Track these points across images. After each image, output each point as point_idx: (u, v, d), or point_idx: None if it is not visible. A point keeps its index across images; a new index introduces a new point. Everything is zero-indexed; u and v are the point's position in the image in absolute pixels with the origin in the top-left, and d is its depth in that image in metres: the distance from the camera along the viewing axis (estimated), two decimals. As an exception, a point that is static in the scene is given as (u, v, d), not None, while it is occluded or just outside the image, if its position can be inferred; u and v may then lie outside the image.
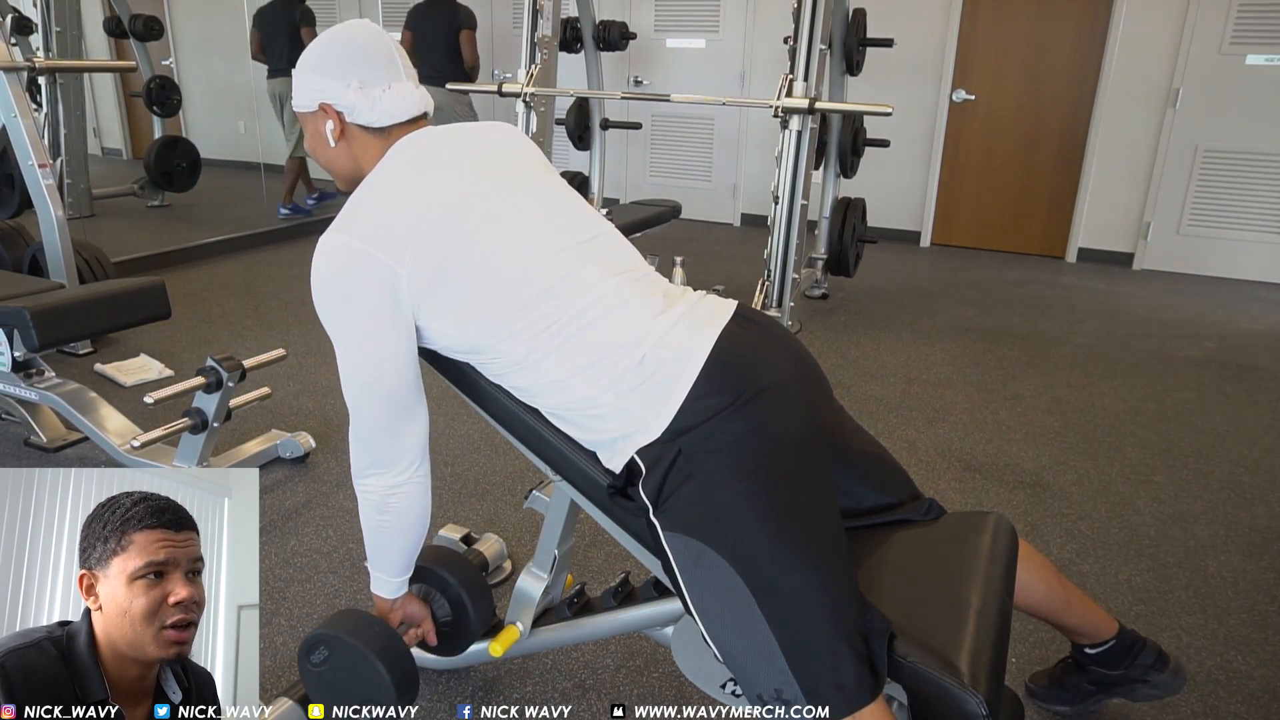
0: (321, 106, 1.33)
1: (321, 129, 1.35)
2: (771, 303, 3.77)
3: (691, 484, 1.18)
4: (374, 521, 1.35)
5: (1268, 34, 5.13)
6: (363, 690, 1.34)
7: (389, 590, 1.43)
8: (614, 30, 5.18)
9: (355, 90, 1.30)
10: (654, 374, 1.21)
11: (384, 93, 1.31)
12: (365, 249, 1.21)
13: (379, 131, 1.34)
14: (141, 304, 2.68)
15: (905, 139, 5.73)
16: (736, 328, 1.27)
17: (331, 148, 1.36)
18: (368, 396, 1.27)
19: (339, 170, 1.39)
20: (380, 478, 1.31)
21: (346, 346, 1.26)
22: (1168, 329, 4.44)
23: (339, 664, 1.35)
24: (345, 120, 1.33)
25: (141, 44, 5.99)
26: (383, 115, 1.32)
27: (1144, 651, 1.65)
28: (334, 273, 1.23)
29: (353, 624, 1.38)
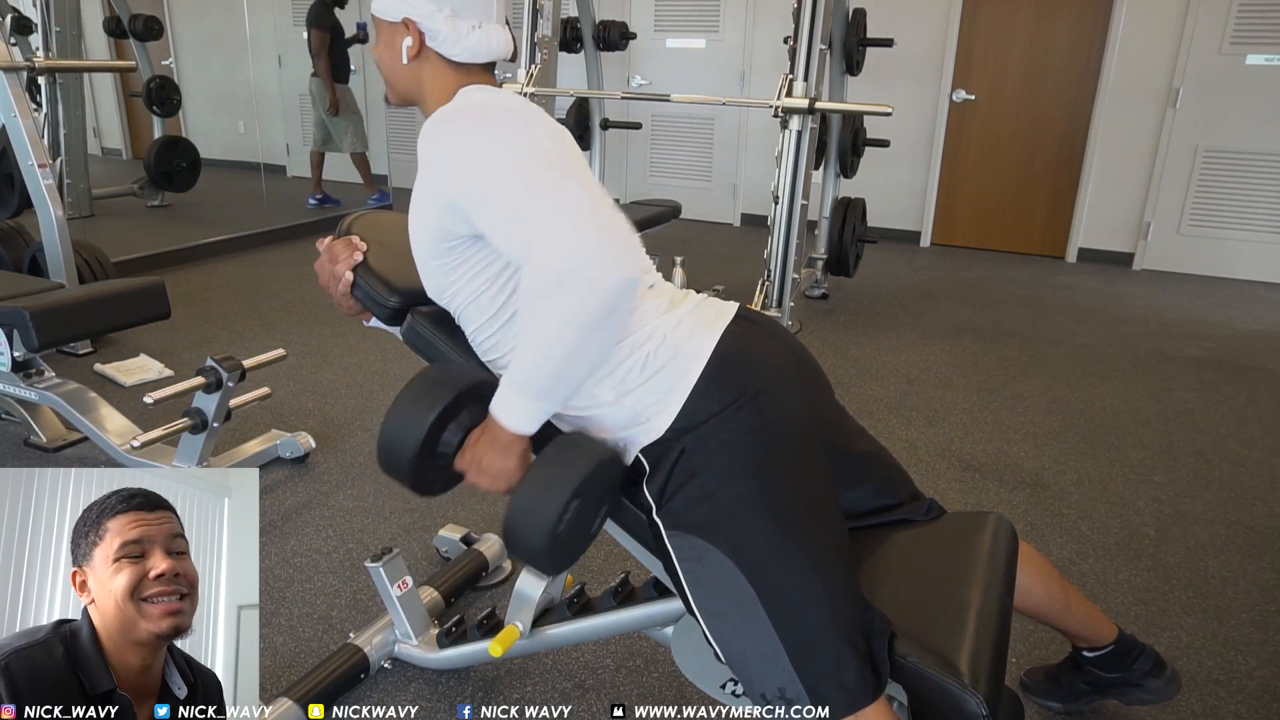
0: (405, 21, 1.26)
1: (397, 42, 1.28)
2: (771, 303, 3.77)
3: (695, 483, 1.18)
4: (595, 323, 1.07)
5: (1268, 34, 5.13)
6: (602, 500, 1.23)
7: (539, 423, 1.19)
8: (614, 30, 5.18)
9: (446, 17, 1.25)
10: (657, 373, 1.21)
11: (473, 29, 1.27)
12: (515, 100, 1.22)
13: (456, 66, 1.29)
14: (141, 304, 2.68)
15: (905, 139, 5.73)
16: (738, 328, 1.27)
17: (402, 64, 1.29)
18: (568, 176, 1.12)
19: (400, 85, 1.34)
20: (634, 264, 1.09)
21: (514, 146, 1.14)
22: (1168, 329, 4.44)
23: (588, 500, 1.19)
24: (425, 43, 1.28)
25: (141, 44, 5.99)
26: (464, 51, 1.27)
27: (1142, 657, 1.66)
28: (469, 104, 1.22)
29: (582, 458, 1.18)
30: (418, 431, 1.20)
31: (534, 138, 1.17)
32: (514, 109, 1.22)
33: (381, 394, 3.21)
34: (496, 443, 1.20)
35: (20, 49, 4.91)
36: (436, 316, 1.39)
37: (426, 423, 1.20)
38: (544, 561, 1.20)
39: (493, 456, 1.20)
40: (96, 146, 7.00)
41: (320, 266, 1.42)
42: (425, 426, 1.20)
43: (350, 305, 1.43)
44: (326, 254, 1.42)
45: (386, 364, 3.52)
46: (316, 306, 4.36)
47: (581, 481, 1.15)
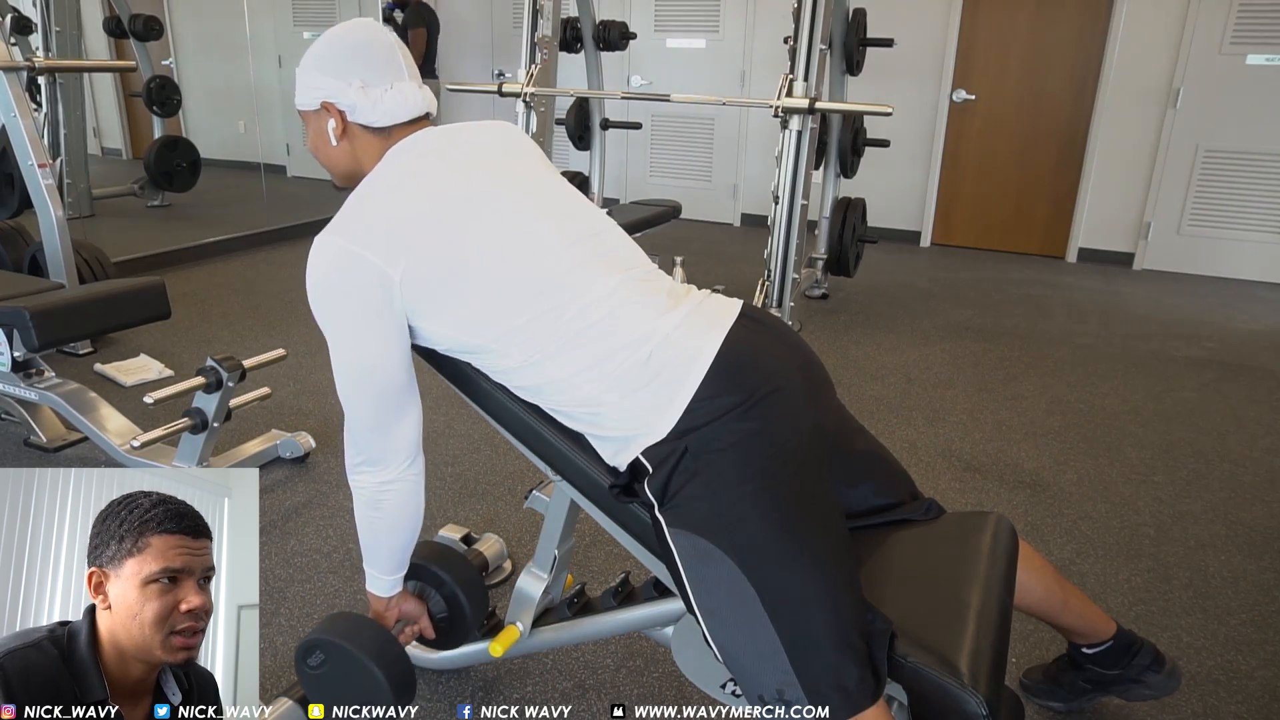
0: (324, 105, 1.33)
1: (324, 127, 1.34)
2: (772, 303, 3.77)
3: (698, 482, 1.18)
4: (367, 518, 1.36)
5: (1268, 34, 5.13)
6: (361, 692, 1.34)
7: (384, 588, 1.43)
8: (614, 30, 5.17)
9: (357, 90, 1.30)
10: (659, 374, 1.21)
11: (385, 93, 1.31)
12: (358, 251, 1.21)
13: (380, 131, 1.34)
14: (141, 304, 2.68)
15: (905, 139, 5.73)
16: (742, 329, 1.27)
17: (333, 146, 1.35)
18: (359, 394, 1.29)
19: (339, 169, 1.39)
20: (372, 474, 1.32)
21: (338, 345, 1.27)
22: (1168, 329, 4.44)
23: (336, 667, 1.35)
24: (347, 119, 1.33)
25: (141, 44, 5.99)
26: (384, 115, 1.32)
27: (1141, 652, 1.66)
28: (326, 273, 1.23)
29: (347, 627, 1.38)
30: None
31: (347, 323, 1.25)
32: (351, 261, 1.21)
33: (381, 394, 3.17)
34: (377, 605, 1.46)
35: (20, 49, 4.92)
36: None
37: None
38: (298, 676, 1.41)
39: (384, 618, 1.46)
40: (96, 146, 6.99)
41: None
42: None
43: None
44: None
45: (386, 364, 3.49)
46: (316, 306, 4.36)
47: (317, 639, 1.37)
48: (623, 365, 1.22)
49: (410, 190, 1.26)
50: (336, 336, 1.26)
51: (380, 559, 1.40)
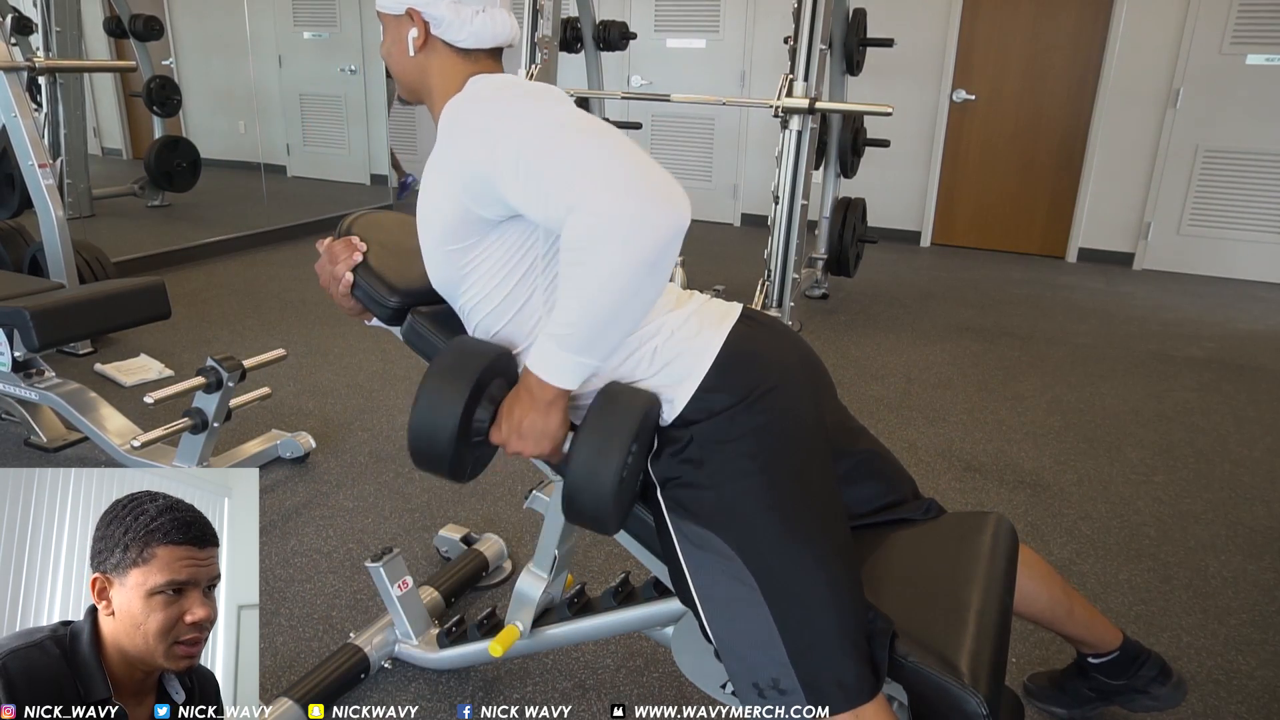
0: (409, 11, 1.25)
1: (403, 35, 1.27)
2: (772, 303, 3.77)
3: (702, 472, 1.18)
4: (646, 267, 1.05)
5: (1268, 34, 5.13)
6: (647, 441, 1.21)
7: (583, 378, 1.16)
8: (614, 30, 5.17)
9: (448, 4, 1.24)
10: (665, 366, 1.22)
11: (477, 14, 1.26)
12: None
13: (463, 53, 1.28)
14: (141, 304, 2.68)
15: (905, 139, 5.73)
16: (744, 327, 1.28)
17: (409, 56, 1.28)
18: (621, 140, 1.09)
19: (408, 80, 1.33)
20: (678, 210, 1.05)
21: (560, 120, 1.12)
22: (1168, 329, 4.44)
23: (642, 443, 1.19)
24: (430, 31, 1.27)
25: (141, 44, 5.99)
26: (470, 37, 1.26)
27: (1148, 664, 1.65)
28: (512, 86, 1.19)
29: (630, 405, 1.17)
30: (454, 410, 1.15)
31: (559, 108, 1.15)
32: (534, 88, 1.21)
33: (382, 394, 3.19)
34: (537, 403, 1.16)
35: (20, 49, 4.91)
36: (437, 316, 1.39)
37: (462, 400, 1.15)
38: (610, 517, 1.17)
39: (534, 417, 1.16)
40: (97, 146, 6.98)
41: (320, 267, 1.42)
42: (461, 405, 1.15)
43: (351, 306, 1.42)
44: (326, 254, 1.41)
45: (387, 364, 3.52)
46: (316, 306, 4.36)
47: (639, 423, 1.14)
48: (629, 358, 1.23)
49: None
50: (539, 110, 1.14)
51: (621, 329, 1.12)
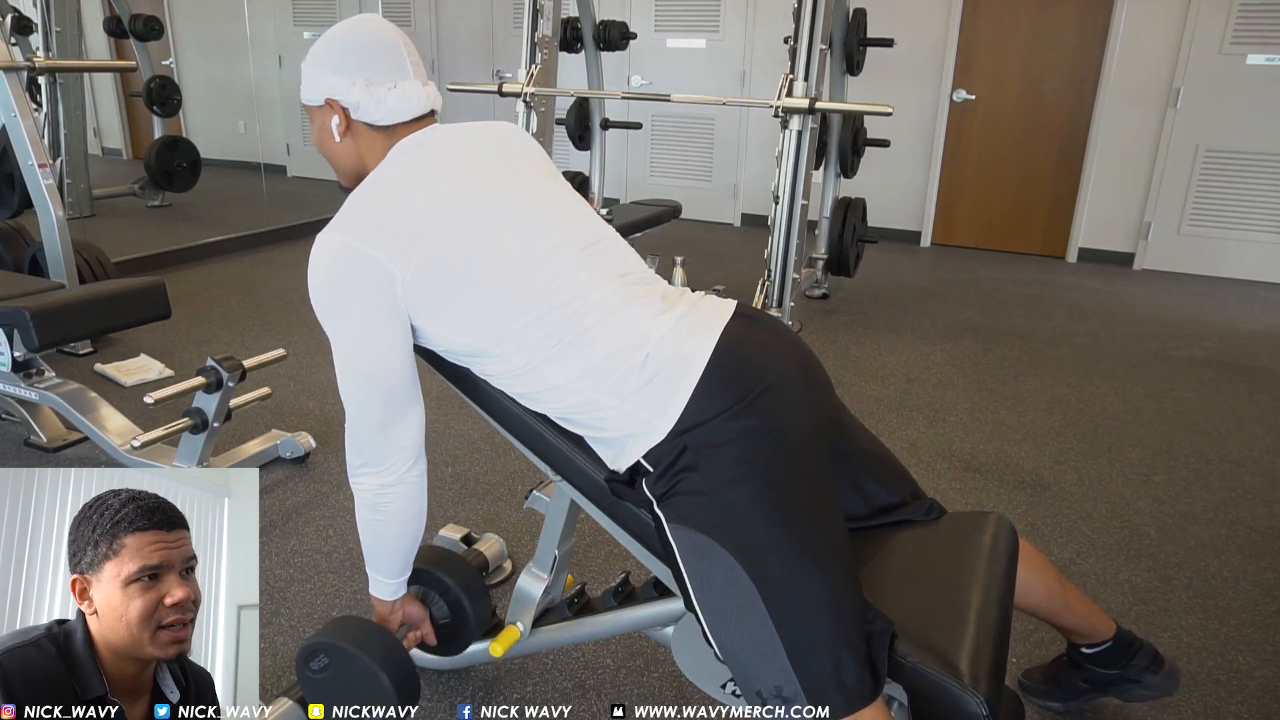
0: (327, 101, 1.33)
1: (327, 123, 1.34)
2: (772, 303, 3.76)
3: (697, 478, 1.18)
4: (369, 521, 1.35)
5: (1268, 34, 5.13)
6: (364, 696, 1.34)
7: (387, 592, 1.43)
8: (614, 30, 5.17)
9: (361, 88, 1.30)
10: (657, 375, 1.21)
11: (389, 91, 1.31)
12: (362, 248, 1.20)
13: (384, 129, 1.33)
14: (141, 304, 2.68)
15: (905, 139, 5.73)
16: (738, 326, 1.27)
17: (337, 143, 1.35)
18: (362, 394, 1.28)
19: (343, 166, 1.38)
20: (373, 476, 1.31)
21: (342, 343, 1.26)
22: (1168, 329, 4.44)
23: (339, 672, 1.35)
24: (351, 117, 1.32)
25: (141, 44, 5.99)
26: (388, 114, 1.32)
27: (1140, 653, 1.66)
28: (330, 270, 1.23)
29: (353, 631, 1.38)
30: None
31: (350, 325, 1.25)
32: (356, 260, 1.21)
33: (381, 394, 3.17)
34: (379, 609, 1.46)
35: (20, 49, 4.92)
36: None
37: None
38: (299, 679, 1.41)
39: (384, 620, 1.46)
40: (97, 146, 6.99)
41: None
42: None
43: None
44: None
45: (386, 364, 3.49)
46: (316, 306, 4.36)
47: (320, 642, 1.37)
48: (620, 368, 1.22)
49: (415, 189, 1.26)
50: (340, 335, 1.26)
51: (383, 563, 1.40)
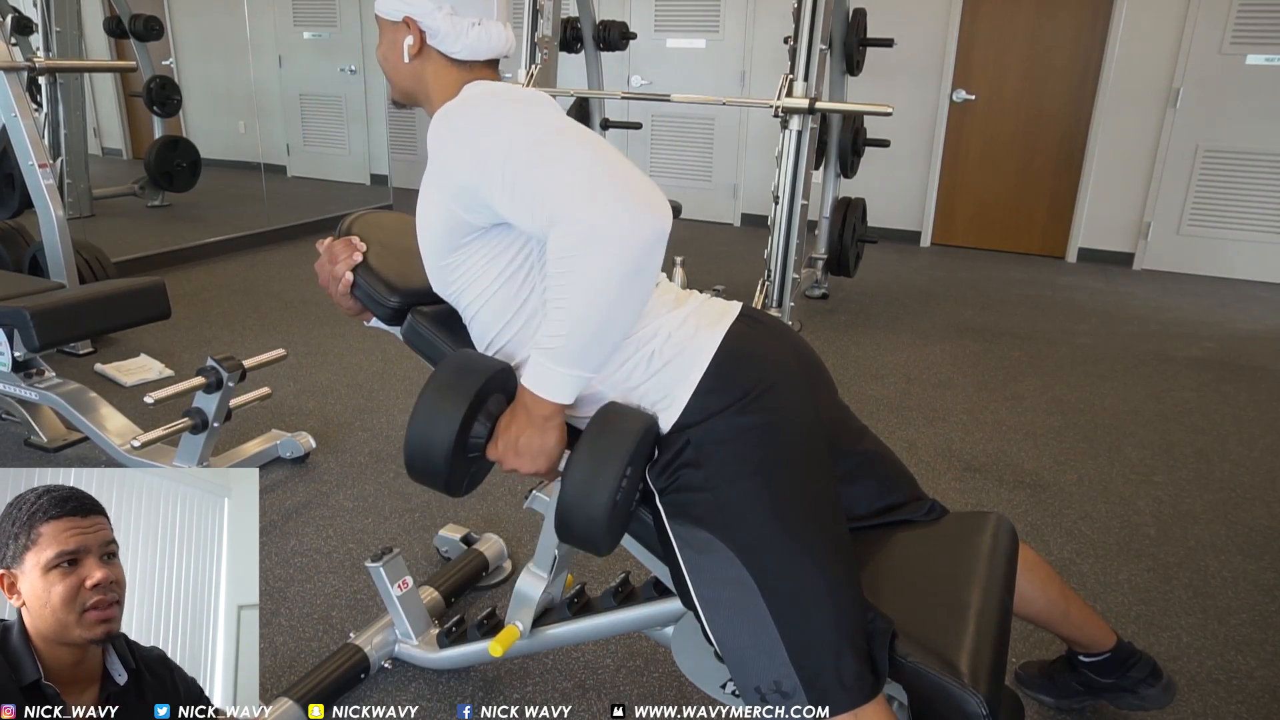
0: (406, 19, 1.27)
1: (399, 40, 1.29)
2: (772, 303, 3.77)
3: (699, 474, 1.18)
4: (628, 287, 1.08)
5: (1268, 34, 5.13)
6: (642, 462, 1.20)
7: (577, 391, 1.16)
8: (614, 30, 5.18)
9: (445, 15, 1.26)
10: (662, 369, 1.22)
11: (473, 26, 1.27)
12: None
13: (458, 64, 1.30)
14: (141, 304, 2.68)
15: (905, 139, 5.74)
16: (743, 326, 1.27)
17: (404, 63, 1.30)
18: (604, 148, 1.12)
19: (403, 85, 1.34)
20: (659, 216, 1.08)
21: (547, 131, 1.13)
22: (1168, 329, 4.44)
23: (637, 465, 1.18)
24: (426, 41, 1.29)
25: (141, 44, 5.99)
26: (465, 49, 1.28)
27: (1138, 665, 1.67)
28: (499, 96, 1.19)
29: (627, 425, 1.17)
30: (451, 426, 1.15)
31: (545, 117, 1.16)
32: (522, 96, 1.22)
33: (382, 394, 3.19)
34: (533, 419, 1.16)
35: (20, 49, 4.92)
36: (437, 316, 1.39)
37: (459, 415, 1.15)
38: (602, 538, 1.16)
39: (530, 434, 1.17)
40: (97, 146, 6.99)
41: (320, 267, 1.42)
42: (458, 421, 1.15)
43: (350, 306, 1.43)
44: (326, 254, 1.42)
45: (387, 364, 3.52)
46: (316, 306, 4.36)
47: (635, 447, 1.13)
48: (627, 361, 1.22)
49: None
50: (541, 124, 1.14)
51: (609, 344, 1.13)
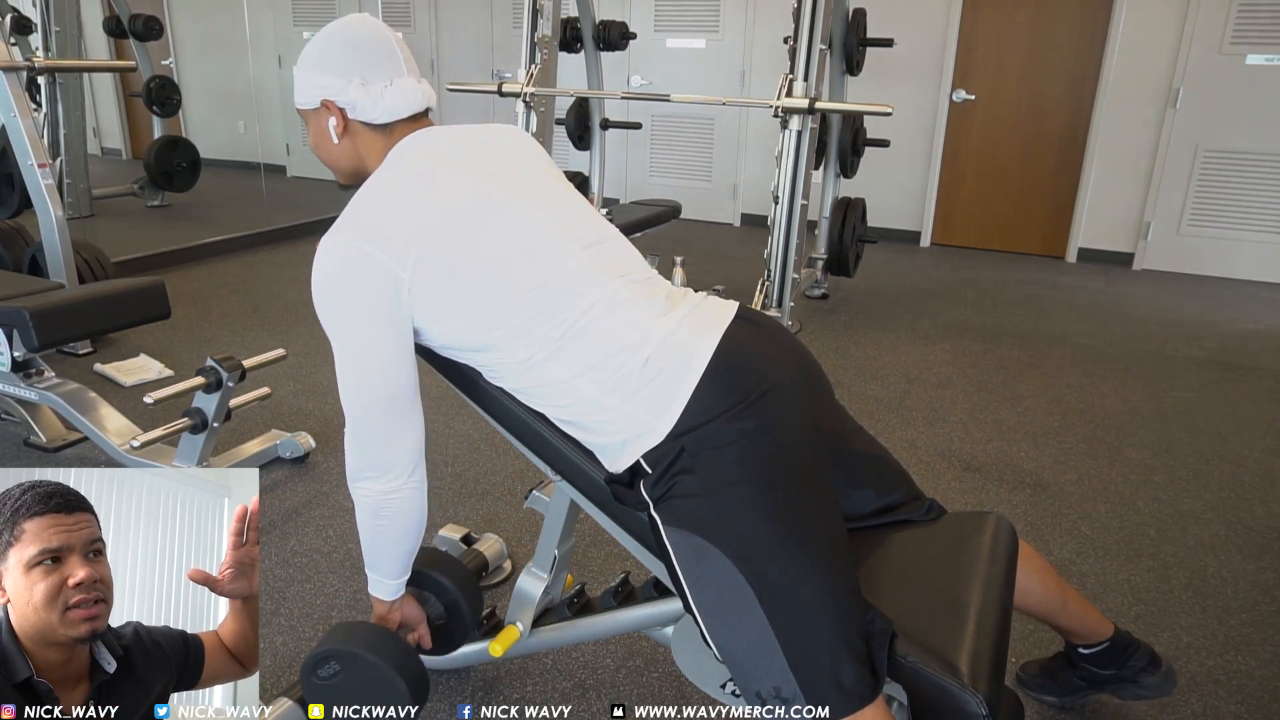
0: (323, 103, 1.32)
1: (324, 126, 1.34)
2: (771, 303, 3.77)
3: (695, 480, 1.18)
4: (370, 526, 1.34)
5: (1268, 34, 5.13)
6: (375, 699, 1.34)
7: (387, 593, 1.42)
8: (614, 30, 5.17)
9: (357, 87, 1.29)
10: (658, 375, 1.21)
11: (386, 89, 1.30)
12: (367, 249, 1.20)
13: (382, 128, 1.33)
14: (141, 304, 2.68)
15: (905, 139, 5.73)
16: (739, 329, 1.27)
17: (334, 145, 1.35)
18: (364, 400, 1.27)
19: (342, 167, 1.38)
20: (375, 483, 1.30)
21: (345, 348, 1.25)
22: (1168, 329, 4.44)
23: (350, 677, 1.34)
24: (347, 117, 1.32)
25: (141, 44, 5.99)
26: (385, 112, 1.31)
27: (1137, 654, 1.67)
28: (335, 273, 1.22)
29: (362, 636, 1.38)
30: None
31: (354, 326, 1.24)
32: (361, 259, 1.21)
33: (381, 394, 3.17)
34: (379, 609, 1.45)
35: (20, 49, 4.92)
36: None
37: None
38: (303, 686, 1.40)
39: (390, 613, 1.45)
40: (96, 146, 6.99)
41: None
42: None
43: None
44: None
45: (386, 364, 3.49)
46: (316, 306, 4.36)
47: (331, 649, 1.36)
48: (622, 368, 1.22)
49: (418, 189, 1.26)
50: (344, 338, 1.25)
51: (384, 565, 1.39)
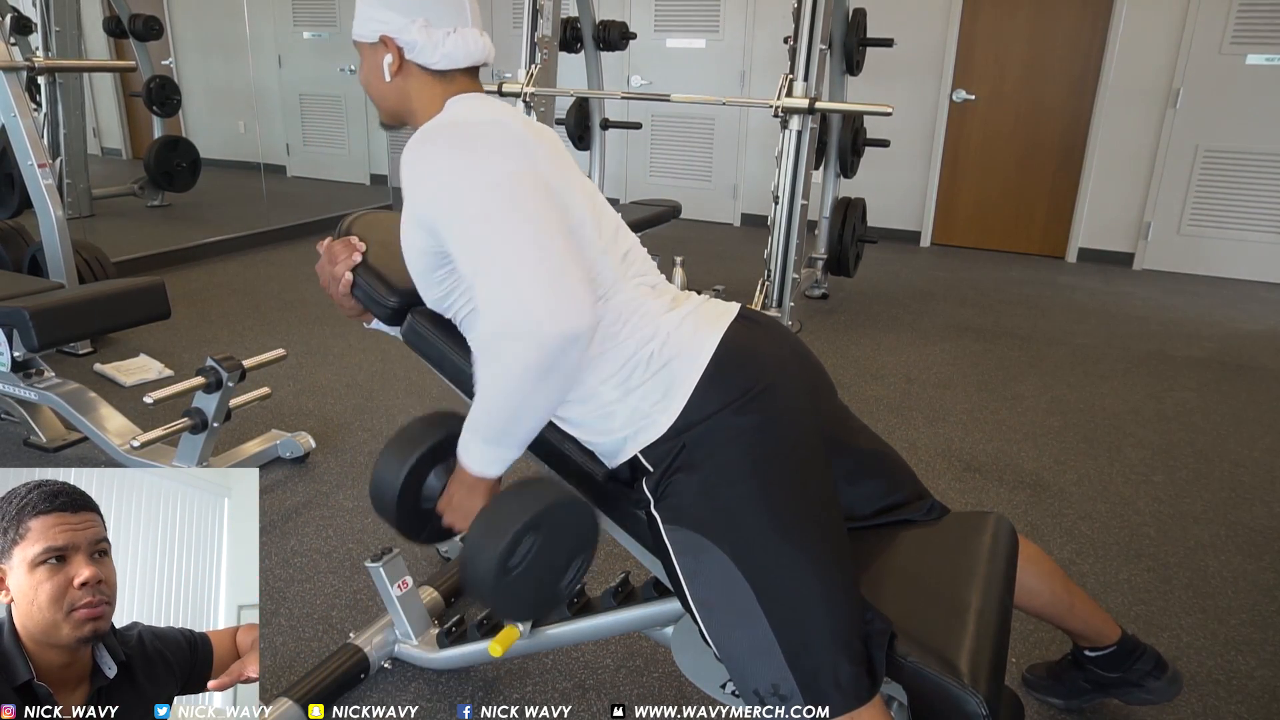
0: (382, 39, 1.29)
1: (379, 62, 1.31)
2: (771, 303, 3.77)
3: (695, 478, 1.18)
4: (530, 386, 1.11)
5: (1268, 34, 5.13)
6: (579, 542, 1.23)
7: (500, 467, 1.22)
8: (614, 30, 5.17)
9: (419, 28, 1.27)
10: (660, 370, 1.22)
11: (448, 35, 1.28)
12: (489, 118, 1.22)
13: (439, 74, 1.31)
14: (141, 304, 2.68)
15: (905, 139, 5.73)
16: (741, 327, 1.28)
17: (385, 82, 1.32)
18: (541, 238, 1.13)
19: (388, 105, 1.36)
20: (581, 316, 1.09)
21: (491, 192, 1.14)
22: (1168, 329, 4.44)
23: (548, 539, 1.18)
24: (404, 57, 1.29)
25: (141, 44, 5.99)
26: (444, 58, 1.29)
27: (1143, 658, 1.67)
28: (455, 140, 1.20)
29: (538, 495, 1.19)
30: (399, 471, 1.26)
31: (500, 171, 1.17)
32: (486, 135, 1.21)
33: (381, 394, 3.19)
34: (464, 484, 1.24)
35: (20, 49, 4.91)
36: (437, 317, 1.39)
37: (409, 463, 1.27)
38: (493, 598, 1.19)
39: (462, 495, 1.24)
40: (96, 146, 6.99)
41: (321, 267, 1.43)
42: (406, 467, 1.26)
43: (351, 306, 1.43)
44: (326, 255, 1.42)
45: (386, 364, 3.52)
46: (316, 306, 4.36)
47: (533, 518, 1.15)
48: (627, 362, 1.23)
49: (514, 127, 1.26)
50: (485, 187, 1.15)
51: (526, 430, 1.18)
